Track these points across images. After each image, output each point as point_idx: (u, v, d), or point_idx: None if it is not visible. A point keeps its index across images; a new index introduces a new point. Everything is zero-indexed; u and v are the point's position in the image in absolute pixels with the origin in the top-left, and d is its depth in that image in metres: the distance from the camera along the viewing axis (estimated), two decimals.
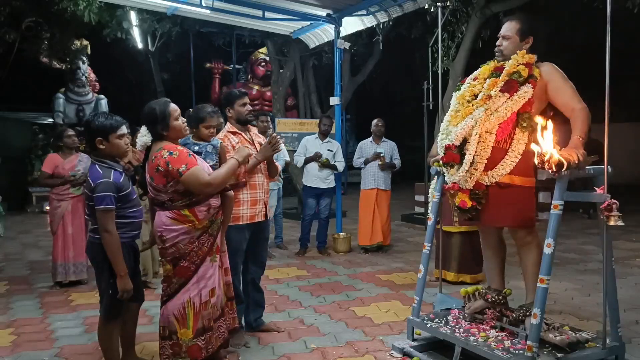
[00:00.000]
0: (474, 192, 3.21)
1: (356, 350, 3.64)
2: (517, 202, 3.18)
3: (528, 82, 3.14)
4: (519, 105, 3.12)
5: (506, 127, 3.14)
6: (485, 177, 3.17)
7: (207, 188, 2.94)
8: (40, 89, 13.32)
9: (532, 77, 3.15)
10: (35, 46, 10.25)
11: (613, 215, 2.82)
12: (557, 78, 3.17)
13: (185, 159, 2.91)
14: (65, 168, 5.47)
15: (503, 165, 3.14)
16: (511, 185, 3.16)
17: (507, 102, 3.12)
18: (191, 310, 2.98)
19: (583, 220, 9.31)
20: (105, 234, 2.92)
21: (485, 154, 3.14)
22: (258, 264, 3.95)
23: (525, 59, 3.18)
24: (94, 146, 3.06)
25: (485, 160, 3.15)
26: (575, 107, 3.05)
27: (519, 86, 3.13)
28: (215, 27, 14.35)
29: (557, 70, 3.21)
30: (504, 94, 3.13)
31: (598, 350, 3.03)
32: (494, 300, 3.42)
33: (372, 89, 18.11)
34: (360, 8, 7.23)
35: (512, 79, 3.14)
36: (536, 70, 3.17)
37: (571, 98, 3.10)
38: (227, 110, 3.82)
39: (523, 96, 3.11)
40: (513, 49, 3.26)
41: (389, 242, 7.05)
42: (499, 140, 3.15)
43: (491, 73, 3.29)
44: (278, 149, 3.72)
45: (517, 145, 3.13)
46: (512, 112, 3.12)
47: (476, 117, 3.14)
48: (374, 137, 6.95)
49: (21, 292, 5.31)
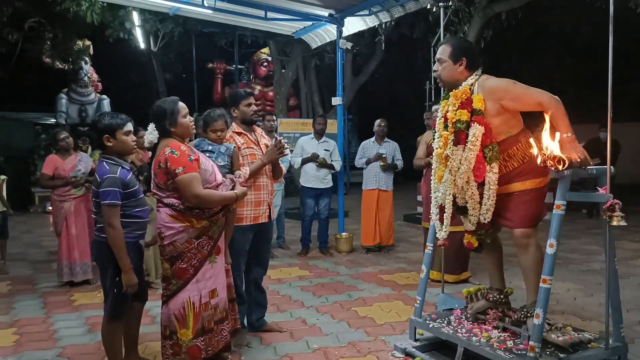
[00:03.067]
0: (478, 233, 3.31)
1: (358, 351, 3.64)
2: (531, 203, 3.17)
3: (472, 122, 3.12)
4: (477, 148, 3.11)
5: (479, 169, 3.14)
6: (480, 217, 3.22)
7: (195, 199, 2.95)
8: (42, 89, 13.34)
9: (476, 113, 3.12)
10: (38, 46, 10.28)
11: (616, 215, 2.81)
12: (505, 90, 3.12)
13: (185, 161, 2.92)
14: (66, 169, 5.48)
15: (485, 204, 3.16)
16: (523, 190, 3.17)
17: (465, 152, 3.14)
18: (191, 310, 3.00)
19: (586, 220, 9.30)
20: (109, 228, 2.93)
21: (473, 202, 3.20)
22: (261, 265, 3.95)
23: (459, 97, 3.18)
24: (101, 144, 3.09)
25: (477, 206, 3.20)
26: (540, 101, 3.01)
27: (466, 133, 3.13)
28: (218, 27, 14.37)
29: (499, 82, 3.17)
30: (458, 147, 3.16)
31: (601, 351, 3.02)
32: (496, 299, 3.42)
33: (374, 89, 18.11)
34: (362, 8, 7.23)
35: (457, 129, 3.16)
36: (477, 100, 3.12)
37: (529, 97, 3.06)
38: (232, 110, 3.82)
39: (476, 138, 3.10)
40: (449, 73, 3.26)
41: (392, 242, 7.05)
42: (480, 182, 3.17)
43: (444, 125, 3.30)
44: (284, 153, 3.73)
45: (489, 179, 3.13)
46: (475, 156, 3.12)
47: (446, 179, 3.24)
48: (377, 138, 6.94)
49: (24, 292, 5.32)
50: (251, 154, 3.73)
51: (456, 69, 3.24)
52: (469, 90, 3.19)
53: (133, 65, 17.57)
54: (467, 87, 3.19)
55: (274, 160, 3.76)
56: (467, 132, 3.13)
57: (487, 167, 3.13)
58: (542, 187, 3.21)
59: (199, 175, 2.95)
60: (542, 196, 3.24)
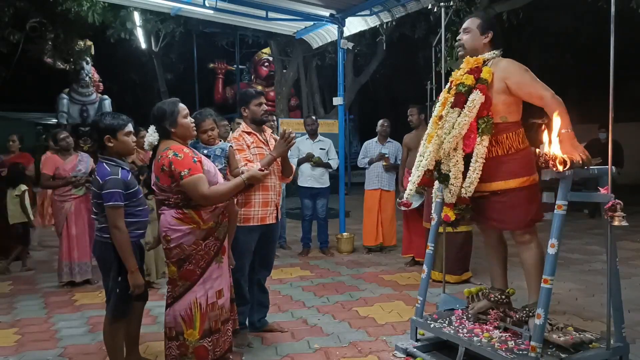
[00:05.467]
0: (458, 207, 3.26)
1: (359, 351, 3.64)
2: (522, 203, 3.18)
3: (475, 89, 3.13)
4: (472, 115, 3.12)
5: (470, 139, 3.14)
6: (462, 189, 3.19)
7: (203, 200, 2.91)
8: (44, 89, 13.37)
9: (480, 82, 3.15)
10: (40, 47, 10.29)
11: (617, 215, 2.81)
12: (515, 72, 3.15)
13: (189, 163, 2.89)
14: (66, 169, 5.48)
15: (470, 176, 3.15)
16: (512, 189, 3.16)
17: (460, 117, 3.14)
18: (198, 311, 2.96)
19: (587, 221, 9.29)
20: (115, 230, 2.94)
21: (456, 170, 3.18)
22: (266, 266, 3.94)
23: (470, 64, 3.21)
24: (102, 145, 3.08)
25: (460, 176, 3.18)
26: (543, 95, 3.02)
27: (466, 97, 3.14)
28: (219, 28, 14.40)
29: (513, 64, 3.19)
30: (454, 110, 3.17)
31: (602, 351, 3.01)
32: (497, 300, 3.41)
33: (375, 89, 18.12)
34: (363, 8, 7.24)
35: (458, 91, 3.17)
36: (486, 72, 3.15)
37: (534, 88, 3.08)
38: (242, 109, 3.78)
39: (472, 105, 3.11)
40: (473, 42, 3.29)
41: (395, 242, 7.05)
42: (469, 152, 3.16)
43: (448, 88, 3.33)
44: (292, 143, 3.67)
45: (478, 150, 3.12)
46: (468, 123, 3.12)
47: (436, 141, 3.22)
48: (379, 138, 6.94)
49: (25, 292, 5.32)
50: (260, 153, 3.70)
51: (481, 39, 3.29)
52: (482, 61, 3.22)
53: (134, 65, 17.60)
54: (481, 58, 3.24)
55: (284, 153, 3.67)
56: (467, 97, 3.14)
57: (478, 138, 3.13)
58: (529, 187, 3.19)
59: (204, 176, 2.93)
60: (531, 196, 3.21)
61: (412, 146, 6.14)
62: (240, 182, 3.08)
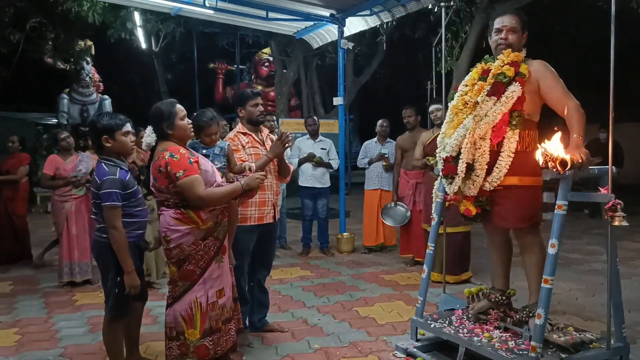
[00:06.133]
0: (478, 200, 3.23)
1: (360, 351, 3.64)
2: (527, 202, 3.17)
3: (515, 81, 3.13)
4: (508, 106, 3.10)
5: (500, 130, 3.13)
6: (486, 183, 3.17)
7: (199, 202, 2.90)
8: (44, 89, 13.38)
9: (519, 75, 3.14)
10: (40, 47, 10.29)
11: (617, 215, 2.81)
12: (548, 76, 3.15)
13: (185, 164, 2.88)
14: (67, 169, 5.49)
15: (499, 168, 3.13)
16: (521, 186, 3.15)
17: (496, 106, 3.12)
18: (198, 310, 2.97)
19: (587, 221, 9.29)
20: (112, 230, 2.93)
21: (483, 160, 3.15)
22: (265, 266, 3.94)
23: (510, 58, 3.18)
24: (100, 145, 3.08)
25: (485, 167, 3.15)
26: (569, 105, 3.03)
27: (505, 87, 3.12)
28: (219, 28, 14.40)
29: (547, 67, 3.19)
30: (491, 98, 3.13)
31: (602, 351, 3.01)
32: (498, 300, 3.41)
33: (375, 89, 18.13)
34: (363, 8, 7.24)
35: (498, 81, 3.14)
36: (524, 67, 3.16)
37: (563, 95, 3.09)
38: (238, 110, 3.79)
39: (511, 96, 3.10)
40: (518, 41, 3.26)
41: (395, 242, 7.05)
42: (495, 144, 3.14)
43: (479, 77, 3.29)
44: (288, 145, 3.68)
45: (509, 144, 3.12)
46: (503, 114, 3.11)
47: (466, 125, 3.17)
48: (379, 138, 6.95)
49: (25, 292, 5.32)
50: (255, 153, 3.71)
51: (522, 40, 3.28)
52: (522, 57, 3.20)
53: (134, 65, 17.60)
54: (521, 54, 3.22)
55: (279, 155, 3.69)
56: (505, 88, 3.11)
57: (510, 132, 3.11)
58: (538, 187, 3.21)
59: (200, 177, 2.92)
60: (537, 197, 3.24)
61: (406, 147, 6.14)
62: (238, 186, 3.04)
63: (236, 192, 3.04)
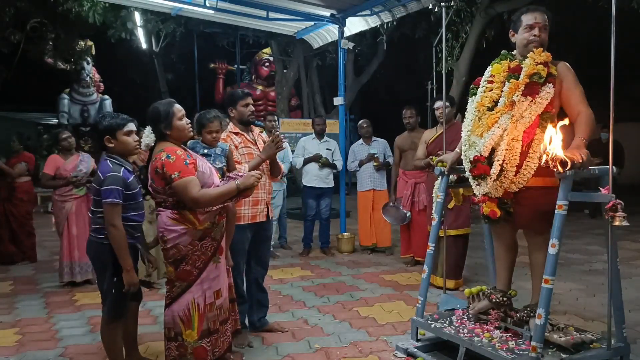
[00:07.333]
0: (503, 201, 3.19)
1: (360, 351, 3.64)
2: (551, 202, 3.10)
3: (548, 82, 3.06)
4: (542, 107, 3.04)
5: (531, 132, 3.07)
6: (512, 184, 3.10)
7: (192, 203, 2.89)
8: (45, 89, 13.38)
9: (551, 76, 3.08)
10: (40, 47, 10.30)
11: (618, 215, 2.80)
12: (570, 79, 3.12)
13: (180, 166, 2.87)
14: (67, 169, 5.49)
15: (526, 169, 3.07)
16: (544, 187, 3.09)
17: (531, 106, 3.04)
18: (196, 311, 2.97)
19: (588, 221, 9.28)
20: (111, 228, 2.91)
21: (514, 162, 3.06)
22: (261, 264, 3.96)
23: (542, 57, 3.08)
24: (103, 145, 3.07)
25: (514, 168, 3.07)
26: (582, 111, 3.01)
27: (540, 88, 3.05)
28: (219, 28, 14.38)
29: (570, 70, 3.15)
30: (526, 98, 3.04)
31: (603, 351, 3.01)
32: (499, 301, 3.40)
33: (375, 89, 18.11)
34: (364, 8, 7.23)
35: (533, 81, 3.05)
36: (553, 68, 3.11)
37: (581, 101, 3.06)
38: (229, 110, 3.81)
39: (545, 97, 3.03)
40: (547, 42, 3.19)
41: (389, 243, 7.01)
42: (524, 144, 3.07)
43: (509, 75, 3.17)
44: (281, 147, 3.71)
45: (538, 146, 3.04)
46: (536, 115, 3.05)
47: (503, 125, 3.04)
48: (364, 139, 6.98)
49: (26, 292, 5.32)
50: (248, 153, 3.74)
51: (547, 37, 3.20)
52: (550, 55, 3.11)
53: (135, 65, 17.60)
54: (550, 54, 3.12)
55: (272, 156, 3.74)
56: (541, 87, 3.04)
57: (540, 133, 3.03)
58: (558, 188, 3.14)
59: (196, 179, 2.90)
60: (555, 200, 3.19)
61: (405, 148, 6.13)
62: (233, 186, 3.01)
63: (231, 193, 3.01)
